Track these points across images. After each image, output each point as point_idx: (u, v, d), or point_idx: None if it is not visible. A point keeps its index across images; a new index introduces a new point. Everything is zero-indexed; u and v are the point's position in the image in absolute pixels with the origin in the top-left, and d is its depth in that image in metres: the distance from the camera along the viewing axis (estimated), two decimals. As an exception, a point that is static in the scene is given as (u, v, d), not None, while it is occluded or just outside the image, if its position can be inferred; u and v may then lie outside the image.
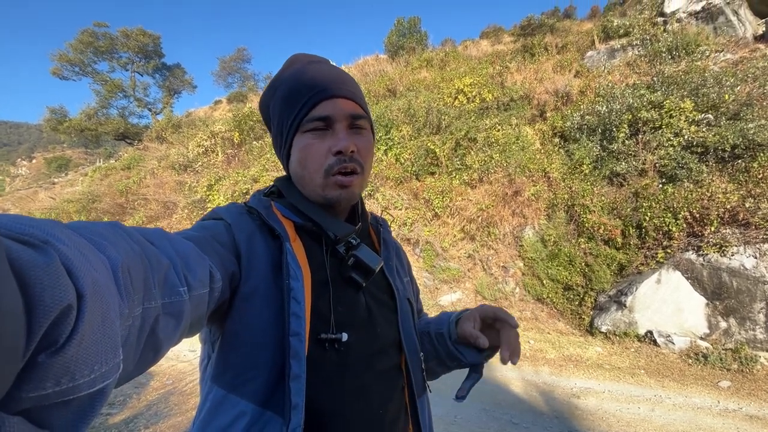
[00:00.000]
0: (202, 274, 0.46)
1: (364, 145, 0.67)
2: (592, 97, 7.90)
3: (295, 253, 0.60)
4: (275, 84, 0.70)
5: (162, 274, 0.39)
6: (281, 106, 0.68)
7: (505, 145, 7.52)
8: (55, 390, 0.23)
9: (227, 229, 0.61)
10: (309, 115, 0.64)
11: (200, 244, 0.52)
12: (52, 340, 0.22)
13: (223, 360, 0.57)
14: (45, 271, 0.22)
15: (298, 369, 0.53)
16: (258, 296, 0.57)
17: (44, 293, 0.21)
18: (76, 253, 0.25)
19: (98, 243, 0.31)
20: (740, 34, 8.40)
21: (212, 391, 0.57)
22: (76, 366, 0.24)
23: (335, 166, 0.64)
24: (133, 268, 0.33)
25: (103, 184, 12.80)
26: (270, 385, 0.54)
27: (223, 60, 25.34)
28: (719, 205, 4.86)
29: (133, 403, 3.29)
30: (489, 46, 14.26)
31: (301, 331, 0.55)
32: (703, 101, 6.13)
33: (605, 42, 10.33)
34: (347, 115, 0.65)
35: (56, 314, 0.22)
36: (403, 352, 0.69)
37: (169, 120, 17.35)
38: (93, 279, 0.25)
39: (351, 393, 0.59)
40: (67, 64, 19.84)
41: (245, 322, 0.56)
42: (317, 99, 0.64)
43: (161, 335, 0.38)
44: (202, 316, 0.48)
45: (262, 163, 9.32)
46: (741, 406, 3.38)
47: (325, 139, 0.64)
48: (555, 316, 5.66)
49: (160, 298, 0.38)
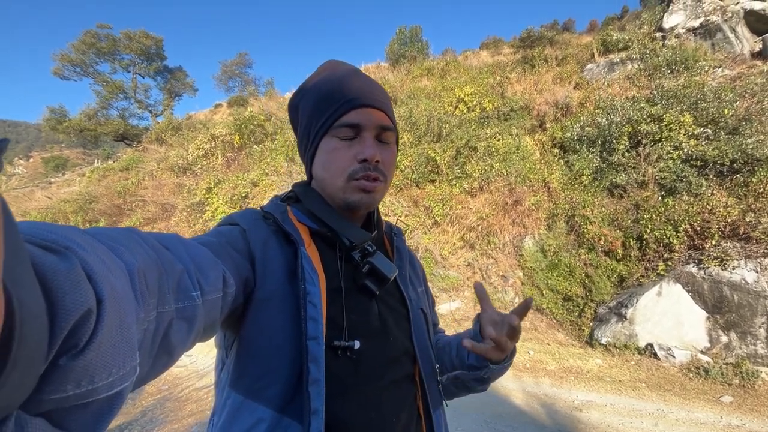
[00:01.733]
0: (215, 279, 0.47)
1: (389, 157, 0.68)
2: (592, 108, 7.97)
3: (310, 257, 0.60)
4: (307, 86, 0.71)
5: (176, 278, 0.39)
6: (312, 109, 0.68)
7: (505, 155, 7.55)
8: (75, 392, 0.24)
9: (242, 234, 0.61)
10: (339, 120, 0.64)
11: (215, 250, 0.52)
12: (73, 344, 0.23)
13: (240, 366, 0.56)
14: (67, 277, 0.23)
15: (317, 373, 0.53)
16: (273, 301, 0.57)
17: (66, 298, 0.22)
18: (95, 259, 0.26)
19: (115, 249, 0.31)
20: (738, 50, 8.52)
21: (230, 397, 0.56)
22: (96, 369, 0.24)
23: (359, 173, 0.64)
24: (148, 273, 0.34)
25: (101, 185, 12.71)
26: (288, 391, 0.53)
27: (225, 64, 25.42)
28: (720, 218, 4.88)
29: (127, 408, 3.21)
30: (489, 57, 14.41)
31: (318, 335, 0.54)
32: (702, 115, 6.19)
33: (604, 55, 10.45)
34: (377, 125, 0.66)
35: (77, 318, 0.22)
36: (417, 363, 0.68)
37: (170, 122, 17.31)
38: (111, 284, 0.26)
39: (363, 401, 0.59)
40: (69, 65, 19.83)
41: (261, 328, 0.56)
42: (349, 106, 0.64)
43: (175, 339, 0.38)
44: (216, 321, 0.48)
45: (261, 167, 9.29)
46: (744, 422, 3.35)
47: (353, 145, 0.65)
48: (554, 326, 5.63)
49: (174, 302, 0.38)
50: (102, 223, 10.21)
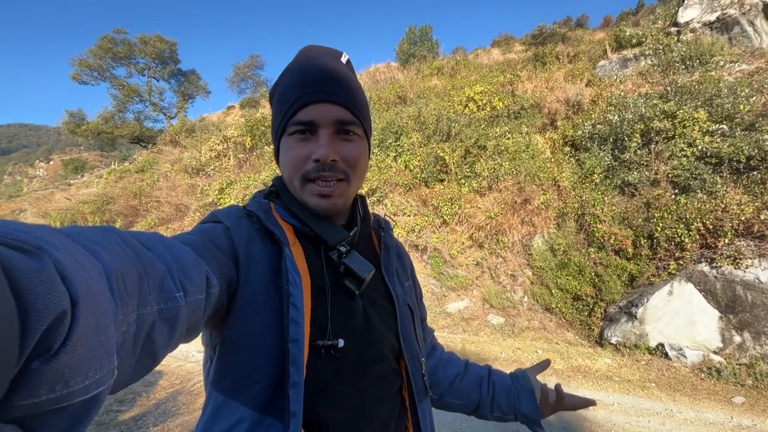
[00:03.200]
0: (198, 280, 0.45)
1: (352, 153, 0.64)
2: (604, 106, 7.87)
3: (294, 258, 0.60)
4: (280, 78, 0.68)
5: (157, 279, 0.38)
6: (276, 105, 0.67)
7: (514, 154, 7.52)
8: (49, 397, 0.23)
9: (226, 232, 0.60)
10: (293, 118, 0.62)
11: (197, 249, 0.51)
12: (46, 347, 0.22)
13: (223, 365, 0.56)
14: (39, 278, 0.22)
15: (297, 377, 0.53)
16: (257, 302, 0.56)
17: (38, 299, 0.21)
18: (69, 259, 0.25)
19: (92, 249, 0.30)
20: (756, 44, 8.30)
21: (212, 396, 0.57)
22: (71, 373, 0.23)
23: (312, 174, 0.62)
24: (127, 274, 0.33)
25: (118, 186, 13.07)
26: (269, 392, 0.54)
27: (237, 66, 25.81)
28: (733, 216, 4.78)
29: (142, 401, 3.34)
30: (500, 55, 14.31)
31: (299, 337, 0.54)
32: (717, 111, 6.06)
33: (618, 51, 10.29)
34: (333, 120, 0.62)
35: (50, 321, 0.22)
36: (403, 358, 0.68)
37: (183, 124, 17.69)
38: (87, 285, 0.25)
39: (346, 398, 0.59)
40: (87, 69, 20.46)
41: (244, 329, 0.55)
42: (302, 102, 0.61)
43: (157, 341, 0.38)
44: (199, 321, 0.48)
45: (272, 167, 9.44)
46: (755, 423, 3.30)
47: (309, 144, 0.62)
48: (564, 326, 5.60)
49: (156, 303, 0.37)
50: (118, 223, 10.50)
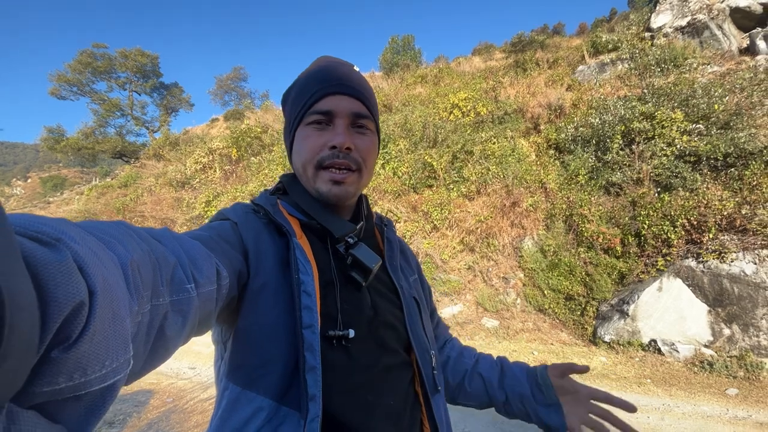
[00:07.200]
0: (209, 272, 0.46)
1: (365, 145, 0.67)
2: (585, 109, 8.06)
3: (303, 248, 0.61)
4: (295, 81, 0.72)
5: (169, 271, 0.39)
6: (293, 100, 0.70)
7: (501, 158, 7.62)
8: (68, 385, 0.23)
9: (233, 228, 0.61)
10: (312, 108, 0.65)
11: (207, 243, 0.52)
12: (65, 336, 0.23)
13: (237, 357, 0.57)
14: (58, 269, 0.22)
15: (314, 361, 0.53)
16: (267, 292, 0.57)
17: (58, 290, 0.22)
18: (87, 251, 0.25)
19: (107, 241, 0.31)
20: (725, 47, 8.66)
21: (228, 388, 0.56)
22: (88, 361, 0.24)
23: (327, 160, 0.64)
24: (141, 266, 0.33)
25: (100, 202, 12.74)
26: (285, 380, 0.54)
27: (220, 78, 25.69)
28: (716, 212, 4.92)
29: (133, 421, 3.19)
30: (481, 63, 14.59)
31: (314, 323, 0.55)
32: (693, 112, 6.27)
33: (595, 56, 10.61)
34: (349, 112, 0.66)
35: (69, 311, 0.22)
36: (413, 350, 0.69)
37: (167, 138, 17.44)
38: (104, 276, 0.26)
39: (358, 387, 0.59)
40: (66, 84, 20.02)
41: (256, 318, 0.56)
42: (322, 93, 0.65)
43: (169, 332, 0.38)
44: (211, 314, 0.48)
45: (260, 178, 9.35)
46: (750, 414, 3.35)
47: (324, 133, 0.65)
48: (557, 326, 5.63)
49: (168, 295, 0.38)
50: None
